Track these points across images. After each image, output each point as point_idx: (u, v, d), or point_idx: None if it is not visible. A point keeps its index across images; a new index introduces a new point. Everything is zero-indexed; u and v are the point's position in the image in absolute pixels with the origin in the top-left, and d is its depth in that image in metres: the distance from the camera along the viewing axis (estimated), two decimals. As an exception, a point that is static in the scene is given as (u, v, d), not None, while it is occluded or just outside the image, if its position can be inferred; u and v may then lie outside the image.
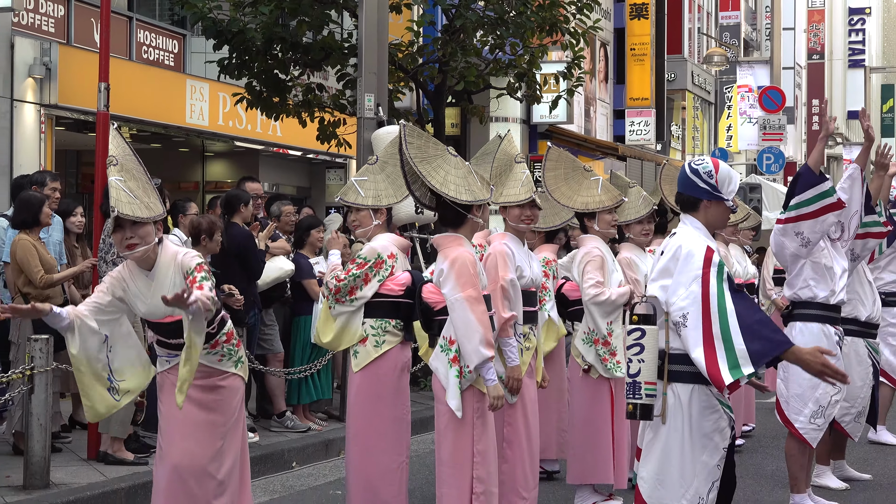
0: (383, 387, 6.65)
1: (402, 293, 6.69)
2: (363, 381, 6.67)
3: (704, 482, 4.95)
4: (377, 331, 6.66)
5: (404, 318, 6.73)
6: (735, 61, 37.82)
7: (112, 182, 5.56)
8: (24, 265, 8.29)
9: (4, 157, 14.34)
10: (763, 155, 30.26)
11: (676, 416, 4.93)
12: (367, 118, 12.52)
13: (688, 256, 4.92)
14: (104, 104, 8.65)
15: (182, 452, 5.77)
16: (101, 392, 5.73)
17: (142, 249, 5.57)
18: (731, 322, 4.80)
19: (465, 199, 6.13)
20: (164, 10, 18.22)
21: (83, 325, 5.63)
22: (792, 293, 7.57)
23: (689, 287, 4.87)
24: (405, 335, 6.74)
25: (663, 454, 4.98)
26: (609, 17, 29.66)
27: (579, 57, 15.59)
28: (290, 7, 13.87)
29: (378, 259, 6.64)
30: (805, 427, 7.46)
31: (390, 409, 6.67)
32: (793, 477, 7.56)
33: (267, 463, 9.01)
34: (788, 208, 7.32)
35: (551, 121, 23.91)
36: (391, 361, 6.67)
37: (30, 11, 15.13)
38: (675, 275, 4.93)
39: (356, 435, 6.71)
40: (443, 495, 6.11)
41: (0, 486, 7.45)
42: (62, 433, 9.01)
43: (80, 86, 14.61)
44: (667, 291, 4.95)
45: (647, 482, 5.02)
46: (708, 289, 4.84)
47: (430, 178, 6.12)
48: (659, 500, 4.98)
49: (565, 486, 8.05)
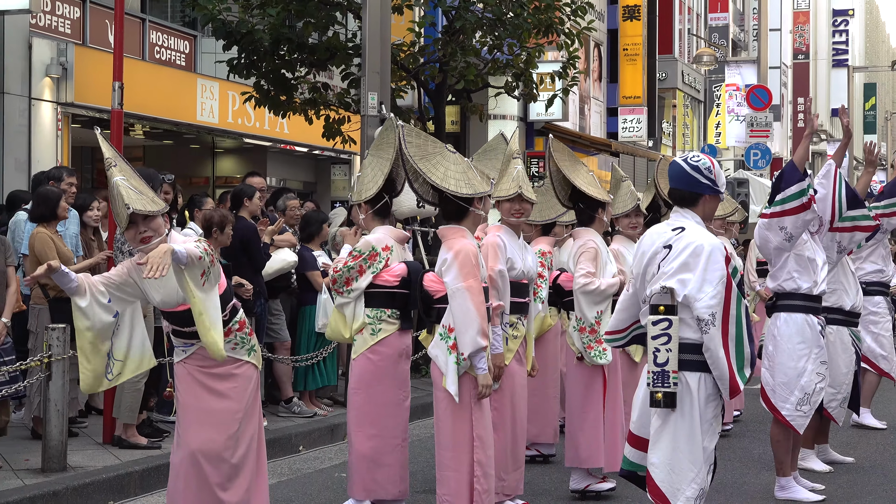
0: (380, 372, 6.71)
1: (397, 284, 6.72)
2: (361, 367, 6.74)
3: (706, 466, 4.98)
4: (373, 319, 6.71)
5: (400, 308, 6.76)
6: (723, 61, 37.77)
7: (118, 182, 5.59)
8: (41, 257, 8.28)
9: (23, 154, 14.34)
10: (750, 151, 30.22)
11: (685, 403, 4.94)
12: (370, 116, 12.52)
13: (711, 254, 4.94)
14: (118, 102, 8.64)
15: (198, 439, 5.77)
16: (95, 366, 5.71)
17: (156, 241, 5.57)
18: (743, 325, 4.87)
19: (465, 193, 6.16)
20: (175, 11, 18.19)
21: (92, 288, 5.63)
22: (776, 285, 7.56)
23: (716, 286, 4.87)
24: (402, 323, 6.76)
25: (673, 441, 4.98)
26: (602, 19, 29.62)
27: (574, 57, 15.58)
28: (297, 9, 13.86)
29: (372, 251, 6.68)
30: (792, 414, 7.45)
31: (387, 394, 6.71)
32: (778, 461, 7.56)
33: (275, 447, 9.01)
34: (773, 203, 7.33)
35: (547, 118, 23.86)
36: (388, 348, 6.71)
37: (47, 13, 15.11)
38: (697, 271, 4.92)
39: (355, 418, 6.77)
40: (443, 478, 6.12)
41: (19, 469, 7.46)
42: (78, 418, 9.02)
43: (95, 85, 14.60)
44: (685, 286, 4.93)
45: (659, 468, 5.01)
46: (730, 292, 4.88)
47: (430, 174, 6.15)
48: (671, 485, 4.98)
49: (560, 469, 8.05)
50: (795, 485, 7.55)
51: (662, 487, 4.99)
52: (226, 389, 5.82)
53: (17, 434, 8.73)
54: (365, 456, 6.70)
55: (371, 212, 6.84)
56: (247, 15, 14.09)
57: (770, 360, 7.54)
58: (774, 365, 7.51)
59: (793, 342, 7.44)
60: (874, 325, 10.08)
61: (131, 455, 7.97)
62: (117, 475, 7.45)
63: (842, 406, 8.48)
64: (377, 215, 6.86)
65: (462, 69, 14.36)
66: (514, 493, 6.89)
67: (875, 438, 9.89)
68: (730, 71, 38.03)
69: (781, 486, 7.53)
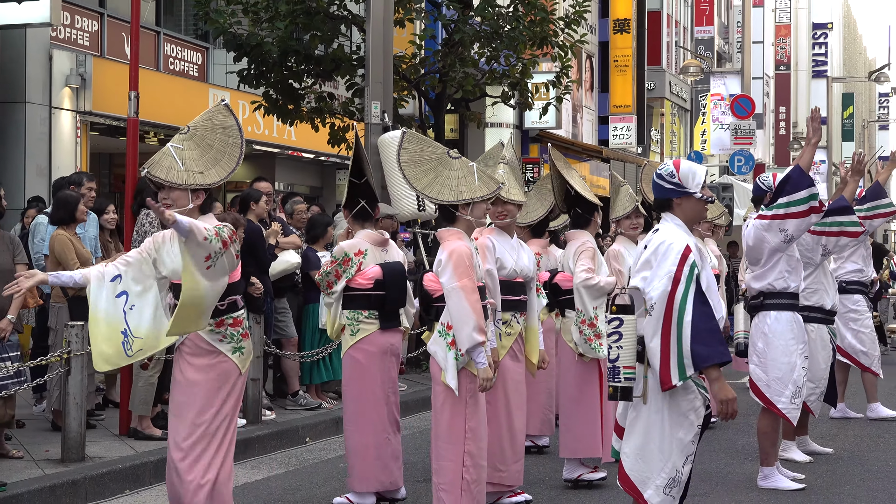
0: (364, 369, 6.78)
1: (371, 286, 6.76)
2: (347, 365, 6.89)
3: (680, 456, 4.94)
4: (352, 321, 6.81)
5: (377, 308, 6.78)
6: (709, 72, 37.76)
7: (168, 146, 5.51)
8: (61, 258, 8.29)
9: (44, 160, 14.34)
10: (734, 157, 30.24)
11: (655, 397, 4.92)
12: (373, 123, 12.54)
13: (667, 251, 4.90)
14: (134, 111, 8.64)
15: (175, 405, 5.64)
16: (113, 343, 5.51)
17: (177, 210, 5.37)
18: (685, 322, 4.79)
19: (446, 199, 6.12)
20: (188, 25, 18.19)
21: (97, 276, 5.53)
22: (765, 284, 7.47)
23: (661, 280, 4.85)
24: (384, 323, 6.80)
25: (644, 431, 4.97)
26: (594, 32, 29.63)
27: (567, 68, 15.60)
28: (304, 22, 13.87)
29: (345, 257, 6.76)
30: (787, 407, 7.47)
31: (372, 391, 6.77)
32: (764, 451, 7.55)
33: (283, 438, 9.01)
34: (776, 206, 7.21)
35: (542, 126, 23.90)
36: (371, 346, 6.79)
37: (67, 26, 15.11)
38: (653, 267, 4.91)
39: (346, 413, 6.91)
40: (439, 467, 6.12)
41: (40, 459, 7.45)
42: (96, 411, 9.02)
43: (112, 94, 14.60)
44: (646, 282, 4.93)
45: (629, 457, 5.01)
46: (677, 286, 4.82)
47: (414, 181, 6.13)
48: (640, 473, 4.97)
49: (554, 459, 8.05)
50: (778, 474, 7.55)
51: (632, 476, 4.98)
52: (198, 380, 5.58)
53: (37, 426, 8.73)
54: (353, 449, 6.79)
55: (350, 216, 6.88)
56: (256, 28, 14.12)
57: (761, 356, 7.51)
58: (767, 361, 7.48)
59: (785, 339, 7.44)
60: (854, 322, 10.08)
61: (146, 446, 7.97)
62: (133, 465, 7.44)
63: (819, 399, 8.54)
64: (356, 219, 6.93)
65: (461, 79, 14.38)
66: (515, 484, 6.87)
67: (853, 430, 9.89)
68: (715, 81, 38.04)
69: (765, 475, 7.53)
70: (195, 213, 5.51)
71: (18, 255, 7.60)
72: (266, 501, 7.11)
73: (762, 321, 7.51)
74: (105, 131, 15.76)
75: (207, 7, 14.37)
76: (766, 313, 7.49)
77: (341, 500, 6.88)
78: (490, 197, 6.26)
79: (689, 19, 39.11)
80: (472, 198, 6.12)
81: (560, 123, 24.83)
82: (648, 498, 4.94)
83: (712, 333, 4.82)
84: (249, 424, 9.03)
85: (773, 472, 7.53)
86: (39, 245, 9.19)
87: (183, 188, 5.48)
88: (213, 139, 5.66)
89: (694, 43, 39.20)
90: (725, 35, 43.85)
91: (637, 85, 30.93)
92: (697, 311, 4.80)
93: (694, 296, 4.81)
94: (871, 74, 45.10)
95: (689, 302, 4.80)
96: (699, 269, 4.89)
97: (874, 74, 44.26)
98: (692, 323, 4.79)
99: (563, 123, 26.13)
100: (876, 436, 9.74)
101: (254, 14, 14.26)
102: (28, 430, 8.53)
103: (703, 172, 5.11)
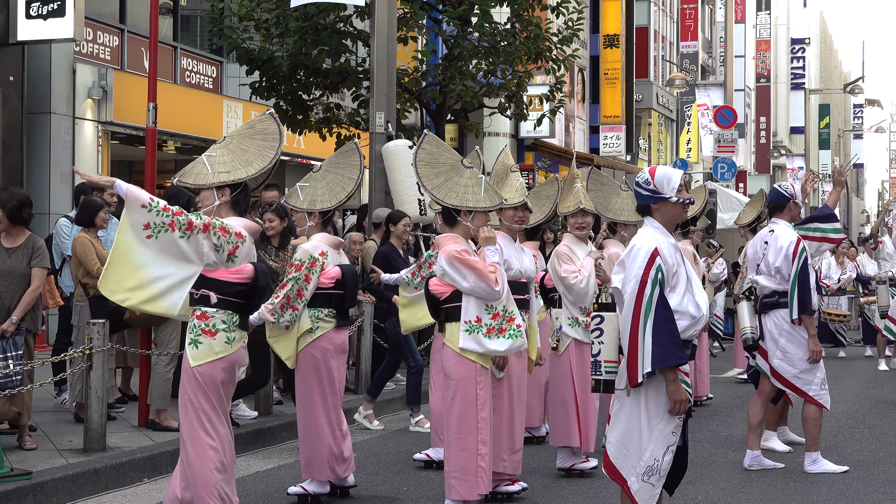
0: (318, 364, 6.68)
1: (332, 285, 6.72)
2: (301, 361, 6.72)
3: (661, 446, 4.92)
4: (312, 318, 6.69)
5: (336, 307, 6.73)
6: (694, 84, 37.73)
7: (204, 154, 5.52)
8: (83, 259, 8.27)
9: (67, 167, 14.34)
10: (718, 164, 30.20)
11: (637, 390, 4.90)
12: (378, 133, 12.55)
13: (636, 255, 4.88)
14: (152, 121, 8.64)
15: None
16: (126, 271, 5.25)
17: (204, 210, 5.43)
18: (648, 323, 4.77)
19: (449, 203, 6.13)
20: (204, 40, 18.18)
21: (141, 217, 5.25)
22: (781, 284, 7.60)
23: (630, 282, 4.84)
24: (339, 321, 6.74)
25: (627, 422, 4.95)
26: (586, 47, 29.64)
27: (560, 81, 15.60)
28: (312, 38, 13.89)
29: (311, 259, 6.64)
30: (818, 393, 7.56)
31: (320, 386, 6.68)
32: (811, 437, 7.61)
33: (293, 429, 8.97)
34: (806, 228, 7.93)
35: (536, 135, 23.93)
36: (326, 343, 6.69)
37: (89, 42, 15.11)
38: (626, 269, 4.91)
39: (298, 405, 6.79)
40: (450, 456, 6.11)
41: (64, 450, 7.44)
42: (117, 404, 9.00)
43: (131, 105, 14.61)
44: (622, 283, 4.93)
45: (613, 446, 5.00)
46: (643, 289, 4.81)
47: (425, 179, 6.17)
48: (623, 462, 4.97)
49: (549, 449, 8.03)
50: (823, 459, 7.60)
51: (616, 464, 4.97)
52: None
53: (61, 418, 8.72)
54: (310, 442, 6.70)
55: (321, 221, 6.78)
56: (267, 43, 14.13)
57: (785, 352, 7.57)
58: (792, 357, 7.56)
59: (803, 334, 7.55)
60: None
61: (164, 437, 7.95)
62: (151, 455, 7.42)
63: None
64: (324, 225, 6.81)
65: (460, 91, 14.39)
66: (514, 473, 6.85)
67: (830, 421, 9.87)
68: (699, 93, 38.02)
69: (813, 459, 7.59)
70: (223, 210, 5.47)
71: (36, 260, 7.46)
72: (277, 489, 7.09)
73: (782, 319, 7.55)
74: (125, 140, 15.75)
75: (221, 24, 14.39)
76: (784, 311, 7.54)
77: (296, 489, 6.78)
78: (491, 209, 6.30)
79: (675, 35, 39.12)
80: (475, 207, 6.13)
81: (553, 133, 24.86)
82: (630, 485, 4.94)
83: (672, 336, 4.79)
84: (261, 416, 9.01)
85: (819, 456, 7.60)
86: (62, 247, 9.21)
87: (207, 187, 5.47)
88: (249, 145, 5.63)
89: (679, 57, 39.20)
90: (709, 49, 43.84)
91: (626, 96, 30.94)
92: (659, 314, 4.78)
93: (657, 298, 4.79)
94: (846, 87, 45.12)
95: (654, 303, 4.78)
96: (664, 272, 4.84)
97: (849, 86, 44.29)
98: (653, 325, 4.77)
99: (557, 133, 26.16)
100: (851, 426, 9.74)
101: (265, 30, 14.28)
102: (52, 421, 8.52)
103: (678, 177, 5.03)
